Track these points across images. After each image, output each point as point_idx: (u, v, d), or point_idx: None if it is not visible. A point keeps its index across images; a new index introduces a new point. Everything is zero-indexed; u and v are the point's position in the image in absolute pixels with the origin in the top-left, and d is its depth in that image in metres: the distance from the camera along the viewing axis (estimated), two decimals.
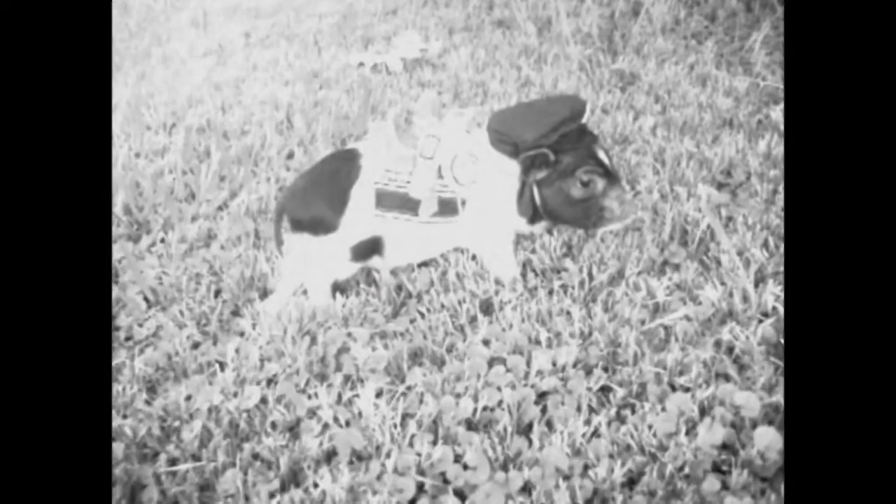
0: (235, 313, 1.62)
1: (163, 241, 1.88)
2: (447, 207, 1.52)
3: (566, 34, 2.78)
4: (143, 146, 2.41)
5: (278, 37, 3.45)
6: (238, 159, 2.22)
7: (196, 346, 1.53)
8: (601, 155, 1.45)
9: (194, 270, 1.74)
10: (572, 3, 3.34)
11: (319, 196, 1.52)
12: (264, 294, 1.65)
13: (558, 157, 1.43)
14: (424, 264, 1.66)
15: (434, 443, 1.21)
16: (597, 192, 1.46)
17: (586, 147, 1.44)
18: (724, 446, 1.16)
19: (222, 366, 1.44)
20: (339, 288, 1.62)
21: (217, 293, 1.67)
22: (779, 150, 1.99)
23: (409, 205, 1.51)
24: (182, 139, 2.38)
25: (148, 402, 1.38)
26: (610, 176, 1.45)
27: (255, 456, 1.24)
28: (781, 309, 1.41)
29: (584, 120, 1.45)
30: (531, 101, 1.56)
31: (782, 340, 1.33)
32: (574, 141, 1.43)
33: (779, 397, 1.22)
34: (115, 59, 3.38)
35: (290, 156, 2.24)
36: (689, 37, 2.93)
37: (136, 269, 1.75)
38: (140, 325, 1.59)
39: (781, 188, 1.81)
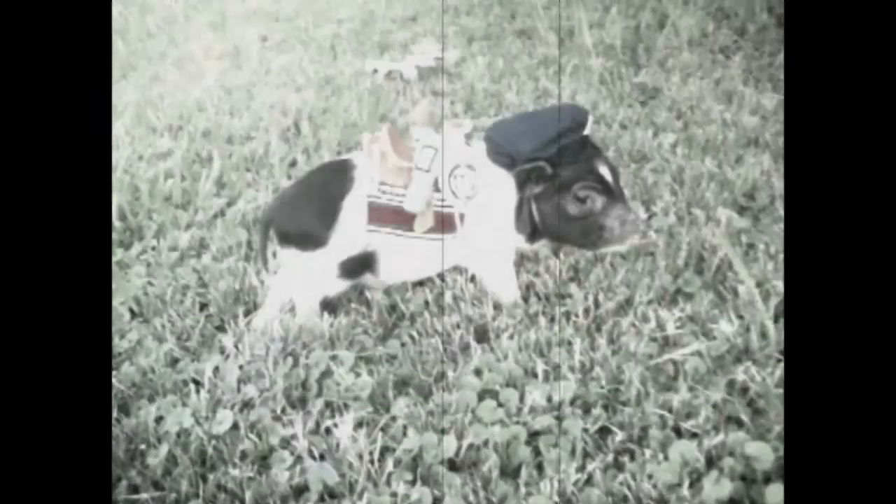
0: (220, 328, 1.53)
1: (154, 248, 1.81)
2: (444, 223, 1.42)
3: (588, 45, 2.68)
4: (146, 149, 2.35)
5: (295, 41, 3.39)
6: (237, 166, 2.14)
7: (175, 362, 1.45)
8: (602, 170, 1.34)
9: (182, 281, 1.66)
10: (596, 15, 3.24)
11: (308, 208, 1.44)
12: (252, 309, 1.57)
13: (556, 171, 1.33)
14: (420, 284, 1.56)
15: (412, 482, 1.11)
16: (595, 210, 1.35)
17: (587, 161, 1.34)
18: (732, 502, 1.04)
19: (198, 385, 1.36)
20: (328, 306, 1.53)
21: (203, 307, 1.59)
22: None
23: (403, 219, 1.42)
24: (185, 143, 2.31)
25: (117, 421, 1.30)
26: (611, 193, 1.35)
27: (221, 487, 1.15)
28: None
29: (586, 131, 1.34)
30: (533, 111, 1.46)
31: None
32: (574, 154, 1.33)
33: None
34: (131, 59, 3.35)
35: (293, 164, 2.17)
36: (716, 51, 2.80)
37: (121, 278, 1.68)
38: (121, 338, 1.51)
39: None
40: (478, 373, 1.30)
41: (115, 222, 1.90)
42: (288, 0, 4.10)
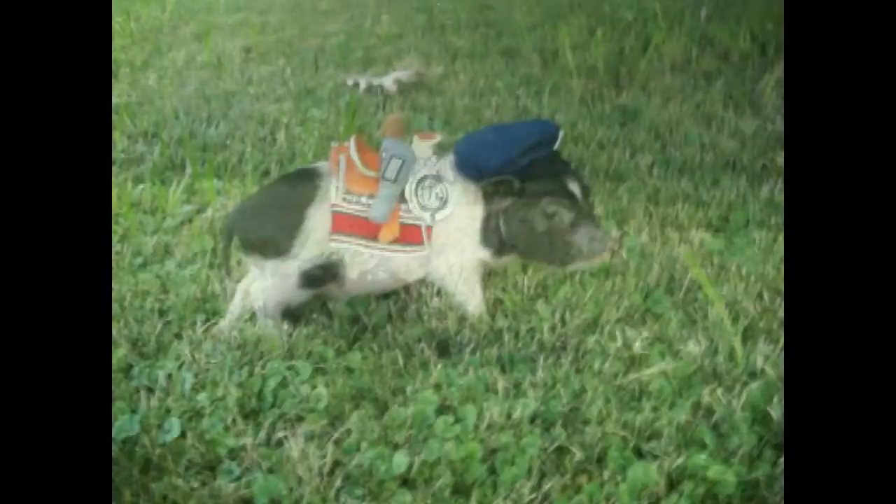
0: (178, 336, 1.49)
1: (118, 253, 1.77)
2: (410, 235, 1.40)
3: (570, 66, 2.68)
4: (118, 154, 2.32)
5: (279, 53, 3.38)
6: (208, 174, 2.11)
7: (129, 368, 1.40)
8: (572, 186, 1.32)
9: (143, 287, 1.61)
10: (580, 37, 3.25)
11: (271, 216, 1.41)
12: (211, 317, 1.52)
13: (524, 185, 1.31)
14: (385, 296, 1.53)
15: (362, 499, 1.07)
16: (563, 226, 1.33)
17: (556, 176, 1.32)
18: None
19: (150, 392, 1.31)
20: (291, 315, 1.49)
21: (162, 313, 1.55)
22: (783, 197, 1.85)
23: (368, 230, 1.39)
24: (158, 150, 2.28)
25: None
26: (579, 209, 1.32)
27: (164, 498, 1.10)
28: (772, 371, 1.26)
29: (556, 147, 1.32)
30: (503, 124, 1.44)
31: (769, 408, 1.18)
32: (544, 169, 1.31)
33: (759, 473, 1.07)
34: (112, 66, 3.31)
35: (266, 173, 2.14)
36: (698, 76, 2.81)
37: None
38: None
39: (781, 238, 1.67)
40: (437, 387, 1.27)
41: None
42: (275, 13, 4.10)
